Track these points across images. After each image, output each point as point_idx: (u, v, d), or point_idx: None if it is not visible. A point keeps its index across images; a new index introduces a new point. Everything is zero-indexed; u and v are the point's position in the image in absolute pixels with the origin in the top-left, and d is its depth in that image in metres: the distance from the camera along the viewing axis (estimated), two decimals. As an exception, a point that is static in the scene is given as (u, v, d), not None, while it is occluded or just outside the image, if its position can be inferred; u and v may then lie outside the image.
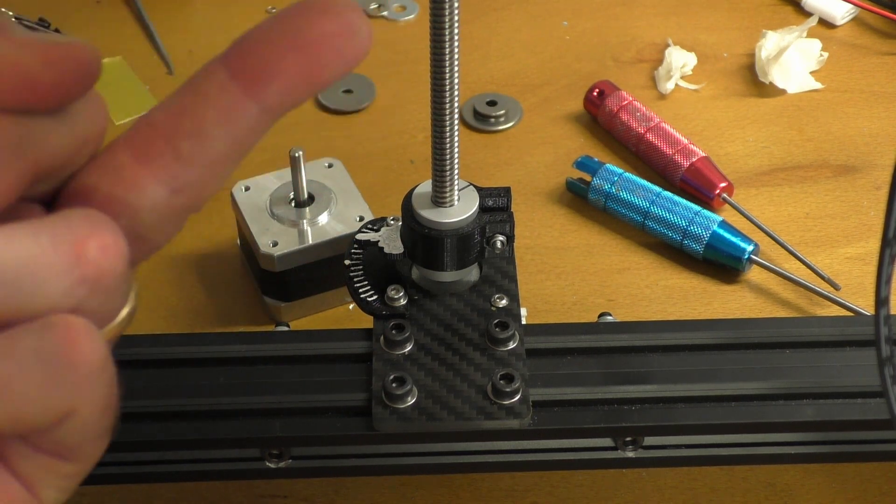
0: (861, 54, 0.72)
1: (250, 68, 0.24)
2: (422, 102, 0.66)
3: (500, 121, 0.67)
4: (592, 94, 0.66)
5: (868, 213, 0.60)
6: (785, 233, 0.58)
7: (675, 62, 0.69)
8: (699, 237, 0.56)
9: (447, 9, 0.33)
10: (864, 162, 0.64)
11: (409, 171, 0.64)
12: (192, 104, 0.24)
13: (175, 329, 0.53)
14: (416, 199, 0.39)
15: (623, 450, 0.41)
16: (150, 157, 0.24)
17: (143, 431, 0.37)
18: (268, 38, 0.24)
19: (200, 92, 0.24)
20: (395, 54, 0.73)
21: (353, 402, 0.38)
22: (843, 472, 0.47)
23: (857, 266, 0.57)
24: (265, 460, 0.40)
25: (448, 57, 0.34)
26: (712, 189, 0.59)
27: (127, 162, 0.24)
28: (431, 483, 0.47)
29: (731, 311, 0.55)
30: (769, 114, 0.68)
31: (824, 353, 0.40)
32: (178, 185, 0.24)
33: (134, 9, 0.77)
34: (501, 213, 0.40)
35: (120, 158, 0.24)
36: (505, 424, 0.36)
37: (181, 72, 0.71)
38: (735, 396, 0.38)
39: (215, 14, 0.77)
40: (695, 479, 0.47)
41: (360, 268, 0.41)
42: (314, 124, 0.67)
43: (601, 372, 0.39)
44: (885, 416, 0.31)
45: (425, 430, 0.36)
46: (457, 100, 0.36)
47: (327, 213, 0.53)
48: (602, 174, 0.59)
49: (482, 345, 0.39)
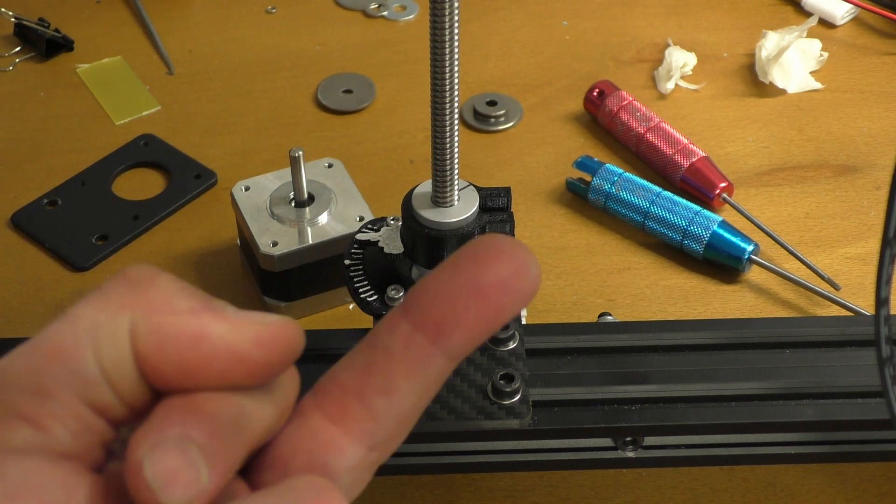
0: (861, 54, 0.72)
1: (434, 320, 0.24)
2: (422, 102, 0.66)
3: (500, 121, 0.67)
4: (592, 94, 0.66)
5: (868, 213, 0.60)
6: (785, 233, 0.58)
7: (675, 62, 0.69)
8: (699, 237, 0.56)
9: (447, 9, 0.33)
10: (864, 162, 0.64)
11: (409, 171, 0.64)
12: (380, 360, 0.24)
13: (175, 329, 0.53)
14: (416, 199, 0.39)
15: (623, 450, 0.41)
16: (345, 417, 0.24)
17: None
18: (447, 289, 0.24)
19: (386, 347, 0.24)
20: (395, 54, 0.73)
21: (353, 402, 0.38)
22: (843, 472, 0.47)
23: (857, 266, 0.57)
24: (265, 460, 0.40)
25: (448, 57, 0.34)
26: (712, 189, 0.59)
27: (322, 424, 0.25)
28: (431, 483, 0.47)
29: (731, 311, 0.55)
30: (769, 114, 0.68)
31: (824, 353, 0.40)
32: (374, 443, 0.24)
33: (134, 9, 0.77)
34: (501, 213, 0.40)
35: (314, 421, 0.25)
36: (505, 424, 0.36)
37: (181, 72, 0.71)
38: (735, 396, 0.38)
39: (215, 14, 0.77)
40: (695, 479, 0.47)
41: (360, 268, 0.41)
42: (314, 124, 0.67)
43: (601, 372, 0.39)
44: (885, 416, 0.31)
45: (425, 430, 0.36)
46: (457, 100, 0.36)
47: (327, 213, 0.53)
48: (602, 174, 0.59)
49: (482, 345, 0.39)
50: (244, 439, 0.24)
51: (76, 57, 0.73)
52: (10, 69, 0.72)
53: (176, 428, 0.22)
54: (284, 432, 0.25)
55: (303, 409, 0.25)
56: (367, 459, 0.25)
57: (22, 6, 0.75)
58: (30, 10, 0.75)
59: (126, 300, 0.24)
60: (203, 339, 0.23)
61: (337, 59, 0.73)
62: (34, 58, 0.73)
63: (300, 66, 0.72)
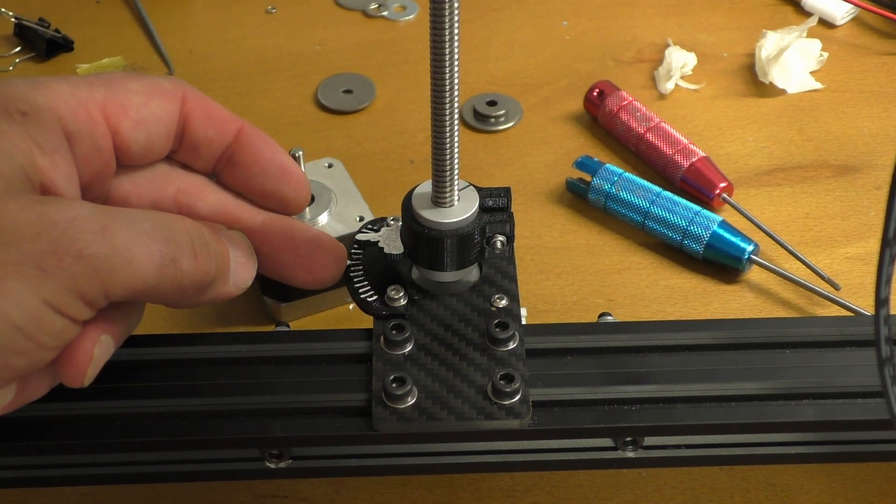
0: (861, 54, 0.72)
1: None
2: (422, 102, 0.66)
3: (500, 121, 0.67)
4: (592, 94, 0.66)
5: (868, 213, 0.60)
6: (785, 233, 0.58)
7: (675, 62, 0.69)
8: (699, 237, 0.56)
9: (447, 9, 0.33)
10: (864, 162, 0.64)
11: (409, 171, 0.64)
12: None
13: (175, 329, 0.53)
14: (416, 199, 0.38)
15: (623, 450, 0.41)
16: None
17: (144, 432, 0.37)
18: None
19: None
20: (395, 54, 0.73)
21: (353, 402, 0.38)
22: (843, 472, 0.47)
23: (857, 266, 0.57)
24: (265, 460, 0.40)
25: (448, 57, 0.34)
26: (712, 189, 0.59)
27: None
28: (431, 483, 0.47)
29: (731, 311, 0.55)
30: (769, 114, 0.68)
31: (824, 353, 0.39)
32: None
33: (134, 9, 0.77)
34: (501, 213, 0.40)
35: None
36: (505, 424, 0.36)
37: (181, 72, 0.71)
38: (735, 396, 0.38)
39: (215, 14, 0.77)
40: (695, 479, 0.47)
41: (360, 268, 0.41)
42: (314, 124, 0.67)
43: (601, 372, 0.39)
44: (885, 416, 0.31)
45: (425, 430, 0.36)
46: (457, 100, 0.36)
47: (327, 213, 0.53)
48: (602, 174, 0.59)
49: (482, 345, 0.39)
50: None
51: (76, 57, 0.73)
52: (11, 69, 0.72)
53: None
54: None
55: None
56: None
57: (22, 6, 0.75)
58: (30, 10, 0.75)
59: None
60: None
61: (337, 59, 0.73)
62: (34, 58, 0.73)
63: (300, 66, 0.72)
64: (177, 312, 0.54)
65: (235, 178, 0.39)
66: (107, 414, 0.37)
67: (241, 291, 0.37)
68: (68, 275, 0.29)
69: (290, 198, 0.39)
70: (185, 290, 0.33)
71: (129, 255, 0.31)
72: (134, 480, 0.43)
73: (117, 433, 0.37)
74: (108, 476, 0.41)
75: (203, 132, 0.37)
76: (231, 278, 0.36)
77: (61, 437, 0.37)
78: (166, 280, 0.32)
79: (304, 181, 0.40)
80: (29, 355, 0.30)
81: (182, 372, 0.39)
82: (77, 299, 0.30)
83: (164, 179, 0.38)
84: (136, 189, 0.37)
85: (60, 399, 0.36)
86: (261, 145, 0.38)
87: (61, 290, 0.29)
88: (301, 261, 0.39)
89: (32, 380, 0.33)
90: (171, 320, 0.54)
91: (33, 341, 0.30)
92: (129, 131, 0.35)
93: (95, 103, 0.34)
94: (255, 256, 0.38)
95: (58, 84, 0.34)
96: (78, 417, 0.37)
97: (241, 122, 0.38)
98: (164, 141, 0.37)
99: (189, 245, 0.33)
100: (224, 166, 0.39)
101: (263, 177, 0.39)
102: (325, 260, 0.40)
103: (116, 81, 0.35)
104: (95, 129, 0.34)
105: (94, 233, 0.30)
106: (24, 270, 0.29)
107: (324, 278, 0.40)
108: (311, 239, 0.39)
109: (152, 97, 0.36)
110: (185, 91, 0.37)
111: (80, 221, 0.30)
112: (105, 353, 0.33)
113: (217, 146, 0.38)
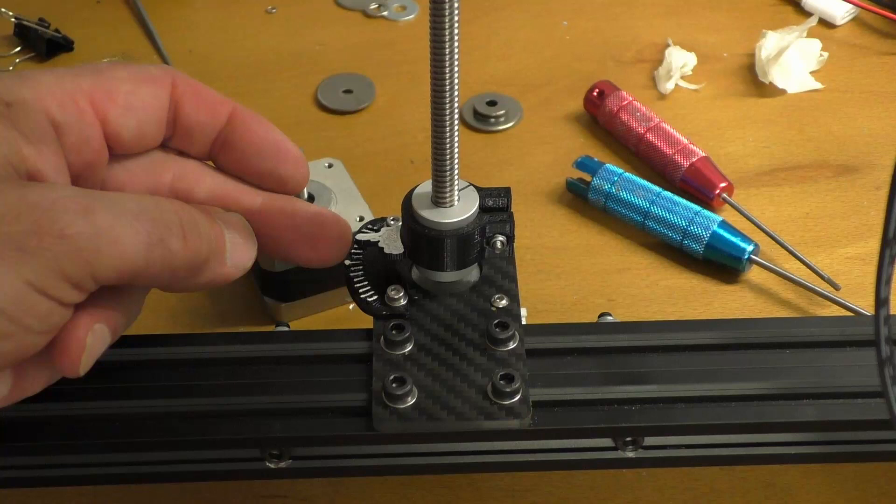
0: (861, 54, 0.72)
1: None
2: (422, 102, 0.66)
3: (500, 121, 0.67)
4: (592, 94, 0.66)
5: (868, 213, 0.60)
6: (785, 233, 0.58)
7: (675, 62, 0.69)
8: (699, 237, 0.56)
9: (447, 9, 0.33)
10: (864, 162, 0.64)
11: (409, 171, 0.64)
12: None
13: (175, 329, 0.53)
14: (416, 199, 0.38)
15: (623, 450, 0.41)
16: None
17: (144, 432, 0.37)
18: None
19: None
20: (395, 54, 0.73)
21: (353, 402, 0.38)
22: (842, 472, 0.47)
23: (857, 266, 0.57)
24: (265, 460, 0.40)
25: (448, 57, 0.34)
26: (712, 189, 0.59)
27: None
28: (431, 483, 0.47)
29: (731, 311, 0.55)
30: (769, 114, 0.68)
31: (824, 353, 0.39)
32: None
33: (134, 9, 0.77)
34: (501, 213, 0.40)
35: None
36: (505, 424, 0.36)
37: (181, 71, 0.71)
38: (735, 396, 0.38)
39: (215, 14, 0.77)
40: (695, 479, 0.47)
41: (360, 268, 0.41)
42: (314, 124, 0.67)
43: (601, 372, 0.39)
44: (885, 416, 0.31)
45: (425, 430, 0.36)
46: (457, 100, 0.36)
47: (327, 213, 0.53)
48: (602, 174, 0.59)
49: (482, 345, 0.39)
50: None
51: (76, 57, 0.73)
52: (11, 69, 0.72)
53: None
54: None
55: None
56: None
57: (22, 6, 0.75)
58: (30, 10, 0.75)
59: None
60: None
61: (337, 59, 0.73)
62: (34, 58, 0.73)
63: (300, 66, 0.72)
64: (177, 312, 0.54)
65: (232, 161, 0.39)
66: (107, 414, 0.37)
67: (242, 272, 0.37)
68: (51, 255, 0.29)
69: (287, 176, 0.39)
70: (177, 271, 0.33)
71: (114, 235, 0.30)
72: (134, 480, 0.43)
73: (117, 433, 0.37)
74: (108, 476, 0.41)
75: (195, 116, 0.37)
76: (228, 259, 0.36)
77: (61, 437, 0.37)
78: (155, 261, 0.32)
79: (301, 159, 0.39)
80: (15, 338, 0.30)
81: (182, 372, 0.39)
82: (62, 280, 0.30)
83: (160, 167, 0.38)
84: (130, 178, 0.37)
85: (60, 399, 0.36)
86: (254, 125, 0.38)
87: (44, 272, 0.29)
88: (304, 239, 0.39)
89: (28, 372, 0.33)
90: (172, 320, 0.54)
91: (18, 324, 0.29)
92: (119, 119, 0.35)
93: (82, 93, 0.34)
94: (254, 237, 0.38)
95: (43, 76, 0.34)
96: (78, 417, 0.37)
97: (232, 104, 0.38)
98: (155, 127, 0.37)
99: (178, 225, 0.33)
100: (220, 150, 0.38)
101: (259, 157, 0.38)
102: (328, 237, 0.39)
103: (103, 70, 0.35)
104: (83, 119, 0.34)
105: (75, 213, 0.30)
106: (4, 252, 0.29)
107: (328, 256, 0.40)
108: (313, 216, 0.39)
109: (140, 84, 0.36)
110: (174, 76, 0.37)
111: (61, 202, 0.30)
112: (100, 342, 0.33)
113: (210, 129, 0.38)
